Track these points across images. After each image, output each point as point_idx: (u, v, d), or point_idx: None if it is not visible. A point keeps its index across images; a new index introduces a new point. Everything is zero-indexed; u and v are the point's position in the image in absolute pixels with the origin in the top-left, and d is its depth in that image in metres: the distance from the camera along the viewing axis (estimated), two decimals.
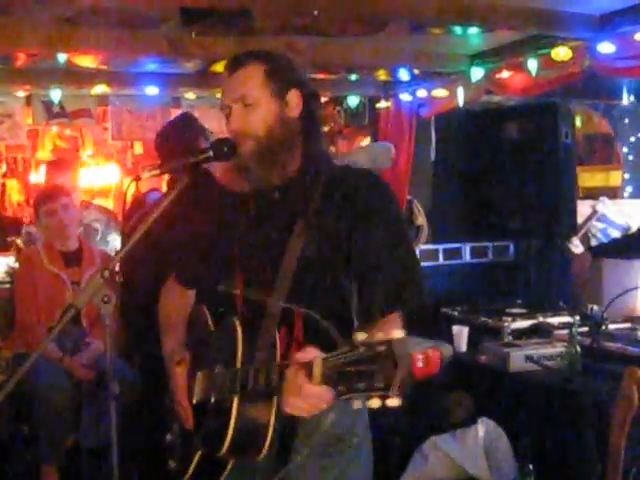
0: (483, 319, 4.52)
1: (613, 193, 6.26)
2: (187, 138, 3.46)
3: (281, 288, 1.87)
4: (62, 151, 7.73)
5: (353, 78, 5.27)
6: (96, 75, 4.90)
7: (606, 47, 3.81)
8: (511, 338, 4.23)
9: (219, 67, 4.44)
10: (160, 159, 3.49)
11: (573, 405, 3.40)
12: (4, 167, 8.16)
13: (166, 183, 4.03)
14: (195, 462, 1.95)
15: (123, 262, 1.98)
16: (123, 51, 4.20)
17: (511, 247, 5.78)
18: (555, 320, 4.36)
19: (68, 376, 3.82)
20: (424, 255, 5.42)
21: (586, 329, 3.94)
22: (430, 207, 5.67)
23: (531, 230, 5.48)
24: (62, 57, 4.19)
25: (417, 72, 5.01)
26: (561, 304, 4.80)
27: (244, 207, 1.98)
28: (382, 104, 5.61)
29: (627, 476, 2.68)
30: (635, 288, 4.42)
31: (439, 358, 4.81)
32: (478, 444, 3.60)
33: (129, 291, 3.31)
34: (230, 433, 1.80)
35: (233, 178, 1.98)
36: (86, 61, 4.51)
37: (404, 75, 4.94)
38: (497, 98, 5.41)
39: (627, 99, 5.48)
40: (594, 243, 5.32)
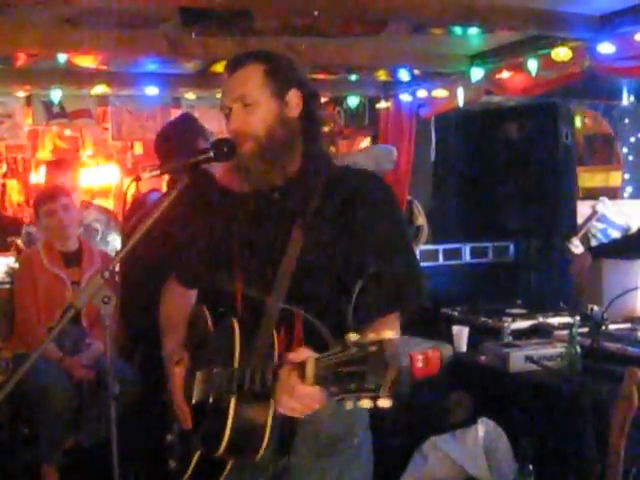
0: (483, 319, 4.53)
1: (613, 193, 6.26)
2: (187, 139, 3.45)
3: (280, 288, 1.87)
4: (62, 151, 7.72)
5: (353, 78, 5.27)
6: (96, 75, 4.90)
7: (606, 47, 3.81)
8: (511, 338, 4.23)
9: (219, 67, 4.44)
10: (160, 160, 3.48)
11: (573, 405, 3.40)
12: (4, 167, 8.15)
13: (166, 183, 4.02)
14: (194, 462, 1.95)
15: (123, 262, 1.98)
16: (123, 51, 4.20)
17: (511, 247, 5.79)
18: (555, 320, 4.36)
19: (68, 376, 3.82)
20: (424, 255, 5.42)
21: (586, 329, 3.94)
22: (430, 207, 5.67)
23: (531, 230, 5.49)
24: (62, 57, 4.19)
25: (417, 72, 5.01)
26: (561, 304, 4.80)
27: (244, 207, 1.98)
28: (382, 104, 5.61)
29: (627, 476, 2.68)
30: (635, 288, 4.42)
31: (439, 358, 4.81)
32: (478, 444, 3.60)
33: (129, 291, 3.31)
34: (227, 433, 1.80)
35: (233, 178, 1.98)
36: (86, 61, 4.51)
37: (404, 75, 4.94)
38: (497, 98, 5.40)
39: (627, 99, 5.49)
40: (594, 243, 5.32)
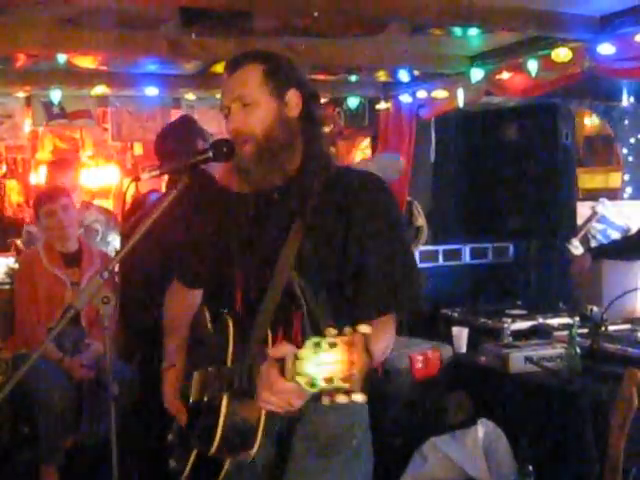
0: (483, 320, 4.53)
1: (613, 194, 6.26)
2: (186, 140, 3.46)
3: (276, 288, 1.87)
4: (62, 152, 7.71)
5: (353, 79, 5.27)
6: (96, 76, 4.90)
7: (606, 48, 3.81)
8: (511, 339, 4.23)
9: (219, 68, 4.44)
10: (159, 161, 3.49)
11: (573, 406, 3.40)
12: (4, 168, 8.15)
13: (165, 184, 4.03)
14: (192, 461, 1.95)
15: (122, 263, 1.98)
16: (123, 52, 4.20)
17: (511, 248, 5.79)
18: (555, 321, 4.37)
19: (68, 376, 3.82)
20: (424, 256, 5.42)
21: (586, 330, 3.94)
22: (430, 208, 5.67)
23: (531, 231, 5.48)
24: (62, 58, 4.19)
25: (417, 73, 5.01)
26: (561, 305, 4.80)
27: (243, 207, 1.98)
28: (382, 105, 5.61)
29: (627, 476, 2.68)
30: (635, 289, 4.43)
31: (439, 359, 4.81)
32: (478, 445, 3.60)
33: (128, 292, 3.31)
34: (219, 432, 1.80)
35: (233, 179, 1.97)
36: (86, 62, 4.51)
37: (404, 76, 4.94)
38: (497, 99, 5.40)
39: (627, 100, 5.49)
40: (594, 244, 5.32)
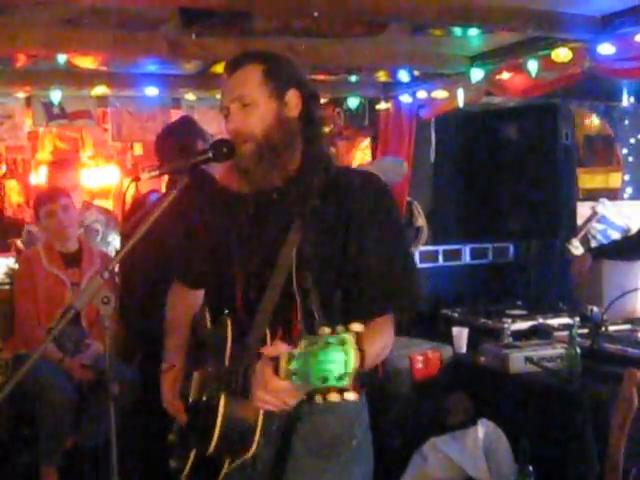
0: (483, 320, 4.53)
1: (613, 194, 6.25)
2: (186, 140, 3.47)
3: (275, 287, 1.87)
4: (62, 152, 7.73)
5: (353, 79, 5.26)
6: (96, 76, 4.90)
7: (606, 48, 3.81)
8: (511, 339, 4.23)
9: (219, 68, 4.43)
10: (160, 161, 3.49)
11: (573, 407, 3.40)
12: (4, 168, 8.16)
13: (165, 184, 4.03)
14: (191, 461, 1.95)
15: (123, 263, 1.98)
16: (123, 52, 4.19)
17: (511, 248, 5.78)
18: (555, 321, 4.37)
19: (68, 377, 3.82)
20: (424, 256, 5.42)
21: (586, 331, 3.94)
22: (430, 208, 5.66)
23: (531, 231, 5.47)
24: (62, 58, 4.18)
25: (417, 73, 5.01)
26: (561, 305, 4.80)
27: (243, 207, 1.98)
28: (382, 105, 5.60)
29: (627, 476, 2.68)
30: (635, 290, 4.42)
31: (439, 359, 4.81)
32: (478, 445, 3.60)
33: (129, 292, 3.32)
34: (217, 431, 1.80)
35: (232, 179, 1.98)
36: (86, 62, 4.50)
37: (404, 76, 4.93)
38: (497, 99, 5.39)
39: (627, 100, 5.48)
40: (594, 244, 5.32)
